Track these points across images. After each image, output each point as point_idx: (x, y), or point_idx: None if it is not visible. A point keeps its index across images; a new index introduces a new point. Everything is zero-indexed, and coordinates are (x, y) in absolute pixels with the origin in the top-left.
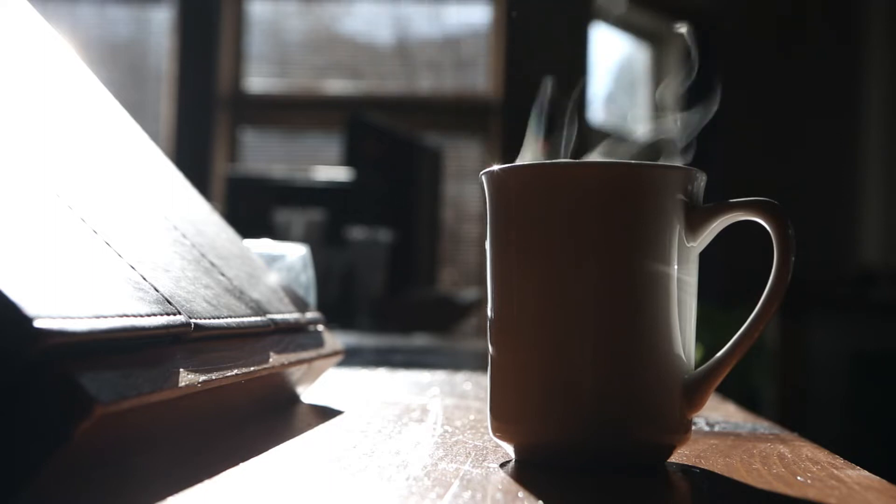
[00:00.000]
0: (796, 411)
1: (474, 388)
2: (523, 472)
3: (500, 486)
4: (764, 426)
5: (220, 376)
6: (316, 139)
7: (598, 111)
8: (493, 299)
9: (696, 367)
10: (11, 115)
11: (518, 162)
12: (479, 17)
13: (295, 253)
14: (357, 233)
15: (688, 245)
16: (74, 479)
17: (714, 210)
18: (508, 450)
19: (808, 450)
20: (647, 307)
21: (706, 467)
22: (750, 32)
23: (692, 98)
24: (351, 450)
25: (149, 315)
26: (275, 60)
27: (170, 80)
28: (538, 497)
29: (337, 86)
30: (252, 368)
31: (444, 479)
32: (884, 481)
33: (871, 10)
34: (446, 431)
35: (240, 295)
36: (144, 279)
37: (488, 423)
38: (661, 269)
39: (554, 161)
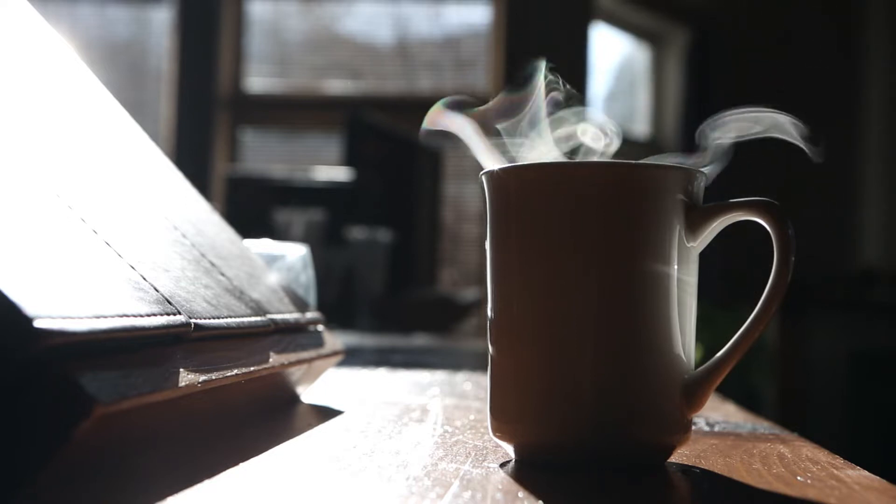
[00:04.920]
0: (796, 411)
1: (474, 388)
2: (523, 472)
3: (500, 486)
4: (764, 426)
5: (220, 376)
6: (316, 139)
7: (598, 111)
8: (493, 299)
9: (696, 367)
10: (11, 115)
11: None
12: (479, 17)
13: (295, 253)
14: (357, 233)
15: (688, 245)
16: (74, 479)
17: (714, 210)
18: (508, 450)
19: (808, 450)
20: (647, 307)
21: (706, 467)
22: (750, 32)
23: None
24: (351, 450)
25: (149, 315)
26: (275, 60)
27: (170, 80)
28: (538, 497)
29: (337, 86)
30: (252, 368)
31: (444, 479)
32: (884, 481)
33: (870, 9)
34: (446, 431)
35: (240, 295)
36: (144, 279)
37: (488, 423)
38: (661, 269)
39: (554, 161)
